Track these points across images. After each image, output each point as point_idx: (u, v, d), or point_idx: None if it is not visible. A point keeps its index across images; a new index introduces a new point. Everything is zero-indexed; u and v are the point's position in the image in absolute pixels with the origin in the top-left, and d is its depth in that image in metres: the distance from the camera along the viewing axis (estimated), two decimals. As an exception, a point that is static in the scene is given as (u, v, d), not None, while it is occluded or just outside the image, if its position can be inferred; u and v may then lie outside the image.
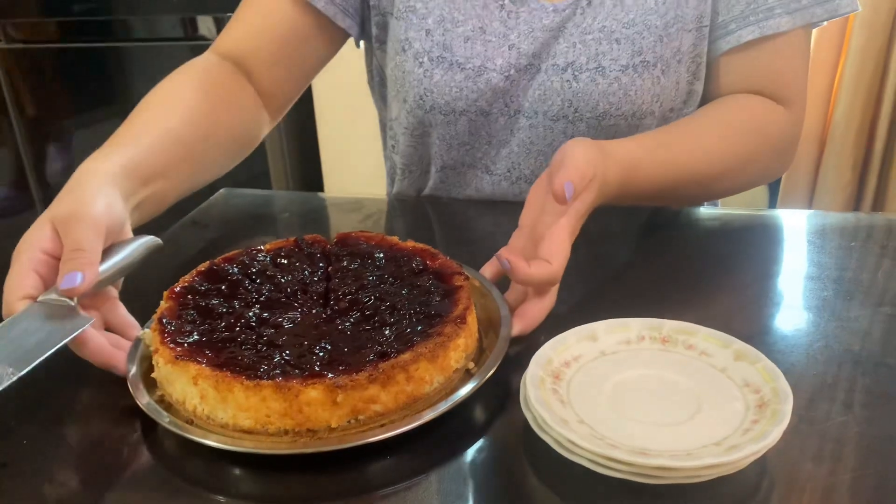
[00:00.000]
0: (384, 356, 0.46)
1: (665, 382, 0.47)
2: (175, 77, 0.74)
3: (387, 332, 0.50)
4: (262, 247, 0.61)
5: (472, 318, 0.52)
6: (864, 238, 0.74)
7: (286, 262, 0.59)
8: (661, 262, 0.70)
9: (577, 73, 0.75)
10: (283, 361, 0.47)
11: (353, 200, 0.89)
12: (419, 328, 0.50)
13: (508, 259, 0.53)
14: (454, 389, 0.48)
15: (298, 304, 0.54)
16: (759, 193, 1.89)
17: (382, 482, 0.44)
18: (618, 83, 0.75)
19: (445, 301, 0.53)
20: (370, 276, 0.57)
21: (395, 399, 0.46)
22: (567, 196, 0.54)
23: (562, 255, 0.55)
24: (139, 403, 0.47)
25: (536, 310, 0.55)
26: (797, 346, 0.55)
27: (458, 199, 0.88)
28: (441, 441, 0.46)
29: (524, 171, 0.83)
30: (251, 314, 0.52)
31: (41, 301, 0.49)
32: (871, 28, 1.66)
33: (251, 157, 0.81)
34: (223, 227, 0.82)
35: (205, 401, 0.45)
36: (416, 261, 0.58)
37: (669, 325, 0.51)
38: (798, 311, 0.61)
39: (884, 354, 0.53)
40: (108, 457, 0.46)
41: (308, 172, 2.09)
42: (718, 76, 0.79)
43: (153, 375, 0.49)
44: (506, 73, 0.77)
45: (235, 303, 0.54)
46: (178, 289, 0.54)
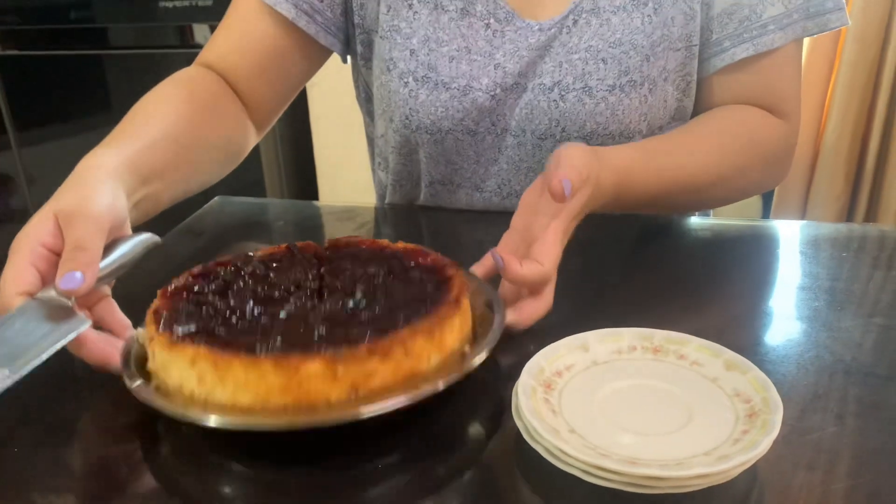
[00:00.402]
0: (382, 332, 0.47)
1: (656, 392, 0.48)
2: (165, 86, 0.74)
3: (382, 312, 0.50)
4: (253, 253, 0.60)
5: (467, 303, 0.53)
6: (857, 249, 0.75)
7: (279, 265, 0.59)
8: (654, 272, 0.70)
9: (564, 93, 0.75)
10: (281, 340, 0.47)
11: (347, 209, 0.90)
12: (417, 309, 0.50)
13: (502, 257, 0.54)
14: (451, 370, 0.48)
15: (294, 300, 0.54)
16: (753, 204, 1.90)
17: (372, 490, 0.44)
18: (605, 103, 0.75)
19: (439, 289, 0.54)
20: (362, 272, 0.57)
21: (394, 374, 0.46)
22: (566, 192, 0.55)
23: (553, 256, 0.56)
24: (130, 388, 0.47)
25: (532, 308, 0.56)
26: (788, 357, 0.55)
27: (452, 209, 0.88)
28: (432, 450, 0.46)
29: (514, 188, 0.83)
30: (246, 307, 0.52)
31: (39, 298, 0.48)
32: (863, 41, 1.68)
33: (246, 166, 0.81)
34: (218, 235, 0.82)
35: (202, 383, 0.45)
36: (408, 259, 0.59)
37: (661, 335, 0.52)
38: (789, 322, 0.61)
39: (874, 365, 0.54)
40: (108, 470, 0.46)
41: (302, 181, 2.09)
42: (713, 93, 0.79)
43: (149, 367, 0.49)
44: (491, 93, 0.77)
45: (230, 300, 0.54)
46: (171, 288, 0.54)
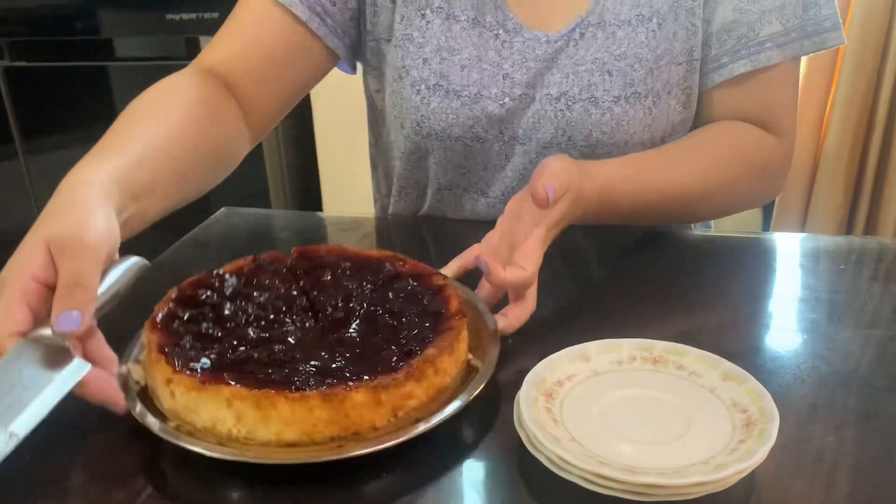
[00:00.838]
0: (411, 354, 0.49)
1: (655, 402, 0.48)
2: (160, 87, 0.72)
3: (400, 335, 0.52)
4: (222, 270, 0.59)
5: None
6: (856, 261, 0.75)
7: (255, 281, 0.58)
8: (654, 284, 0.71)
9: (571, 104, 0.77)
10: (315, 371, 0.48)
11: (351, 220, 0.91)
12: (427, 325, 0.53)
13: (487, 262, 0.57)
14: (465, 379, 0.51)
15: (290, 320, 0.55)
16: (753, 216, 1.91)
17: (374, 498, 0.45)
18: (610, 113, 0.77)
19: (436, 299, 0.55)
20: (349, 285, 0.58)
21: (427, 392, 0.48)
22: (549, 198, 0.59)
23: (534, 261, 0.59)
24: (159, 433, 0.45)
25: (518, 311, 0.59)
26: (786, 367, 0.56)
27: (455, 219, 0.89)
28: (437, 459, 0.47)
29: None
30: (250, 334, 0.52)
31: (32, 339, 0.45)
32: (862, 53, 1.69)
33: (250, 175, 0.82)
34: (224, 246, 0.83)
35: (242, 422, 0.45)
36: (387, 266, 0.60)
37: (660, 346, 0.53)
38: (787, 333, 0.62)
39: (872, 376, 0.54)
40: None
41: (306, 190, 2.10)
42: (711, 107, 0.81)
43: (166, 408, 0.48)
44: (500, 101, 0.79)
45: (227, 325, 0.53)
46: (160, 318, 0.52)
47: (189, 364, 0.48)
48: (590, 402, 0.48)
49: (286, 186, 2.02)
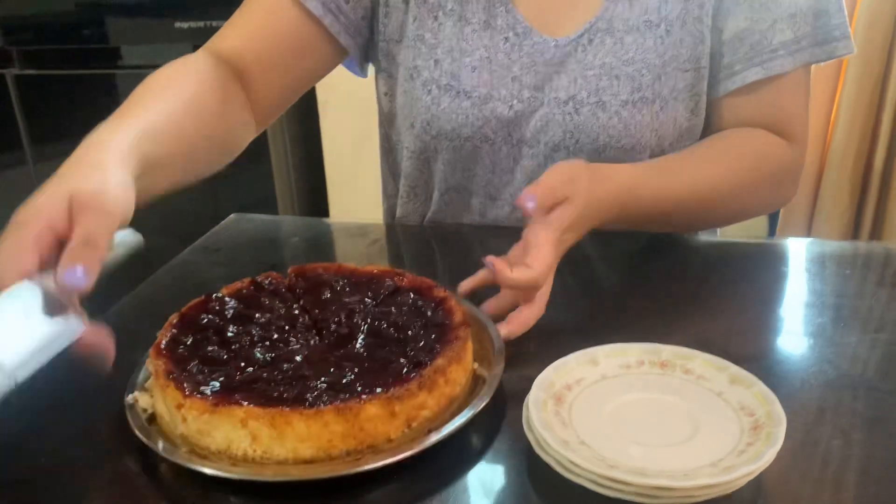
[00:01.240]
0: (420, 365, 0.49)
1: (663, 405, 0.49)
2: (174, 65, 0.72)
3: (407, 347, 0.52)
4: (220, 293, 0.59)
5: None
6: (862, 266, 0.76)
7: (256, 302, 0.59)
8: (661, 289, 0.71)
9: (579, 107, 0.78)
10: (327, 387, 0.48)
11: (359, 226, 0.91)
12: (433, 336, 0.53)
13: (493, 262, 0.57)
14: (473, 389, 0.51)
15: (295, 339, 0.55)
16: (759, 222, 1.90)
17: (383, 499, 0.45)
18: (618, 117, 0.77)
19: (439, 311, 0.56)
20: (350, 302, 0.58)
21: (438, 402, 0.49)
22: (528, 207, 0.59)
23: (542, 261, 0.58)
24: (177, 461, 0.45)
25: (524, 315, 0.59)
26: (793, 371, 0.56)
27: (463, 225, 0.89)
28: (447, 463, 0.47)
29: None
30: (256, 354, 0.52)
31: (34, 283, 0.44)
32: (867, 59, 1.69)
33: (257, 180, 0.82)
34: (234, 251, 0.84)
35: (257, 441, 0.45)
36: (386, 282, 0.60)
37: (668, 350, 0.53)
38: (794, 337, 0.62)
39: (879, 380, 0.55)
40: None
41: (313, 195, 2.11)
42: (723, 114, 0.81)
43: (178, 434, 0.48)
44: (509, 104, 0.80)
45: (232, 347, 0.53)
46: (164, 344, 0.52)
47: (199, 388, 0.47)
48: (598, 406, 0.49)
49: (294, 191, 2.02)
